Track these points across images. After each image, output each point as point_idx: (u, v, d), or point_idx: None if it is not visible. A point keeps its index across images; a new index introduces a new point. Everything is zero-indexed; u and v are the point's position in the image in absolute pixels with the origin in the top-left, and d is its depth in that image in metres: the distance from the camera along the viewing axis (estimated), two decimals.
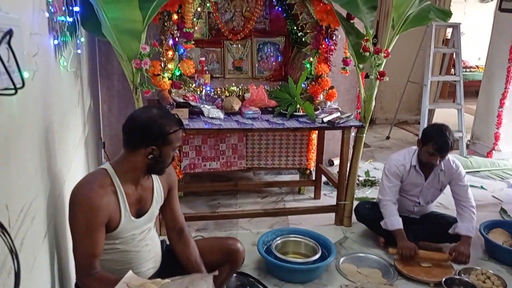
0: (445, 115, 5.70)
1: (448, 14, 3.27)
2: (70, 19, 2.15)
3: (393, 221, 2.90)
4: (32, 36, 1.35)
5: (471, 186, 3.27)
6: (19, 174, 1.20)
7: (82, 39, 2.60)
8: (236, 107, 3.23)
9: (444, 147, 2.74)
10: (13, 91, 0.91)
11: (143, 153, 1.68)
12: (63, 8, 2.07)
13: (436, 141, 2.75)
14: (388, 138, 5.73)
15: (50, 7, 1.71)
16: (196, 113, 3.11)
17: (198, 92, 3.34)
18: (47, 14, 1.60)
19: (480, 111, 5.26)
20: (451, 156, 2.96)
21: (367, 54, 3.01)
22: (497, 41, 4.95)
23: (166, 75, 3.09)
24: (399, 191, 2.98)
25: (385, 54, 2.97)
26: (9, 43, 0.88)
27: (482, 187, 4.25)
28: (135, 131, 1.69)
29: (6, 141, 1.07)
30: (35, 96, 1.40)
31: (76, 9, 2.34)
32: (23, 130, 1.26)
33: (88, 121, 2.91)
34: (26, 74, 1.08)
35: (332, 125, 3.09)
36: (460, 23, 5.02)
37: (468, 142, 5.32)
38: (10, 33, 0.87)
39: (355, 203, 3.35)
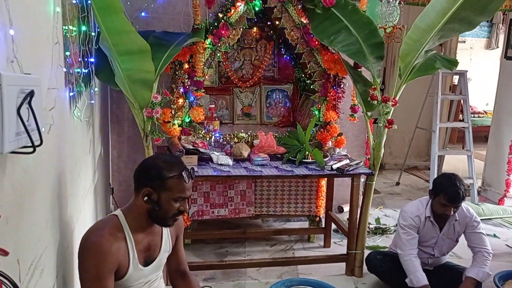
0: (455, 160, 5.67)
1: (455, 63, 3.32)
2: (85, 70, 2.22)
3: (419, 277, 2.78)
4: (50, 90, 1.39)
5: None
6: (30, 228, 1.20)
7: (96, 89, 2.67)
8: (245, 154, 3.24)
9: (456, 197, 2.70)
10: (31, 149, 0.93)
11: (142, 195, 1.67)
12: (79, 60, 2.14)
13: (447, 192, 2.71)
14: (398, 184, 5.68)
15: (68, 61, 1.77)
16: (205, 159, 3.13)
17: (208, 139, 3.37)
18: (64, 69, 1.65)
19: (490, 158, 5.23)
20: (465, 204, 2.91)
21: (375, 102, 3.04)
22: (504, 88, 5.00)
23: (176, 122, 3.13)
24: None
25: (393, 103, 3.00)
26: (29, 103, 0.91)
27: (495, 235, 4.16)
28: (138, 172, 1.72)
29: (21, 197, 1.08)
30: (50, 148, 1.42)
31: (91, 60, 2.42)
32: (37, 183, 1.27)
33: (98, 168, 2.93)
34: (42, 129, 1.10)
35: (341, 172, 3.08)
36: (467, 71, 5.09)
37: (479, 189, 5.26)
38: (31, 94, 0.90)
39: (366, 252, 3.28)
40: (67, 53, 1.72)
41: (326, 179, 3.72)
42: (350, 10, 3.20)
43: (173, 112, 3.14)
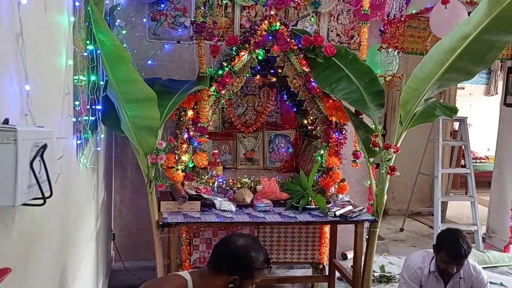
0: (459, 206, 5.63)
1: (454, 110, 3.38)
2: (93, 118, 2.27)
3: None
4: (59, 140, 1.42)
5: (490, 282, 3.12)
6: (35, 278, 1.19)
7: (102, 135, 2.71)
8: (248, 200, 3.24)
9: (457, 255, 2.62)
10: (41, 201, 0.95)
11: (225, 280, 1.69)
12: (88, 107, 2.19)
13: (449, 249, 2.64)
14: (402, 230, 5.61)
15: (76, 109, 1.82)
16: (208, 205, 3.12)
17: (210, 184, 3.37)
18: (74, 119, 1.70)
19: (493, 204, 5.20)
20: (472, 261, 2.85)
21: (377, 149, 3.07)
22: (505, 134, 5.04)
23: (179, 167, 3.16)
24: None
25: (395, 150, 3.03)
26: (42, 155, 0.94)
27: (501, 284, 4.07)
28: (226, 256, 1.73)
29: (27, 247, 1.09)
30: (56, 197, 1.44)
31: (98, 107, 2.48)
32: (43, 233, 1.28)
33: (101, 214, 2.93)
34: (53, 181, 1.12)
35: (344, 219, 3.07)
36: (467, 117, 5.15)
37: (484, 236, 5.19)
38: (44, 148, 0.93)
39: None
40: (77, 103, 1.78)
41: (329, 225, 3.69)
42: (350, 59, 3.30)
43: (176, 158, 3.17)
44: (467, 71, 2.73)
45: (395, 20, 3.57)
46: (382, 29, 3.99)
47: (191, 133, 3.25)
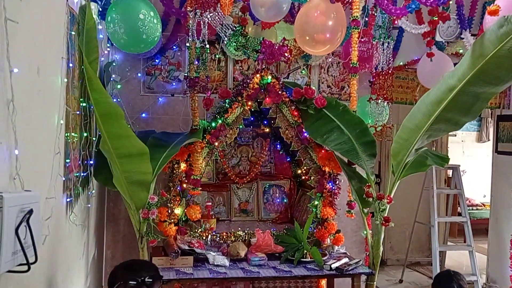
0: (458, 254, 5.55)
1: (446, 159, 3.41)
2: (84, 174, 2.27)
3: None
4: (48, 200, 1.41)
5: None
6: None
7: (93, 191, 2.70)
8: (242, 253, 3.18)
9: None
10: (26, 268, 0.93)
11: None
12: (79, 163, 2.19)
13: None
14: (401, 281, 5.48)
15: (67, 166, 1.82)
16: (201, 260, 3.06)
17: (204, 237, 3.32)
18: (63, 178, 1.70)
19: (492, 253, 5.12)
20: None
21: (371, 199, 3.06)
22: (499, 182, 5.03)
23: (172, 221, 3.12)
24: None
25: (388, 200, 3.02)
26: (28, 220, 0.93)
27: None
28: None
29: None
30: (44, 259, 1.41)
31: (91, 162, 2.48)
32: None
33: (91, 271, 2.85)
34: (38, 244, 1.10)
35: (340, 272, 3.01)
36: (459, 165, 5.18)
37: (484, 285, 5.07)
38: (30, 213, 0.92)
39: None
40: (67, 161, 1.78)
41: (326, 279, 3.60)
42: (341, 110, 3.36)
43: (169, 211, 3.14)
44: (455, 122, 2.78)
45: (383, 73, 3.67)
46: (372, 80, 4.10)
47: (184, 185, 3.24)
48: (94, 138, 2.45)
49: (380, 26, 3.71)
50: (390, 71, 3.68)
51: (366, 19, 3.51)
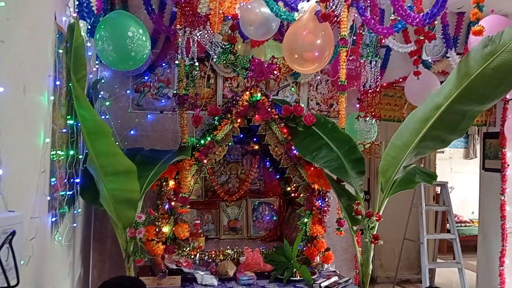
0: (447, 271, 5.54)
1: (434, 177, 3.43)
2: (70, 192, 2.23)
3: None
4: (32, 220, 1.39)
5: None
6: None
7: (79, 210, 2.65)
8: (231, 272, 3.15)
9: None
10: None
11: None
12: (65, 182, 2.16)
13: None
14: None
15: (52, 184, 1.79)
16: (189, 279, 3.02)
17: (192, 256, 3.28)
18: (48, 198, 1.67)
19: (481, 270, 5.12)
20: None
21: (360, 217, 3.05)
22: (486, 199, 5.06)
23: (159, 240, 3.07)
24: None
25: (377, 218, 3.02)
26: (10, 242, 0.91)
27: None
28: None
29: None
30: (27, 281, 1.37)
31: (77, 180, 2.45)
32: None
33: None
34: (20, 263, 1.08)
35: None
36: (447, 182, 5.20)
37: None
38: (13, 234, 0.90)
39: None
40: (53, 179, 1.75)
41: None
42: (330, 128, 3.38)
43: (157, 230, 3.10)
44: (442, 140, 2.81)
45: (371, 90, 3.71)
46: (360, 97, 4.13)
47: (173, 203, 3.21)
48: (81, 156, 2.42)
49: (367, 44, 3.76)
50: (378, 89, 3.72)
51: (354, 38, 3.55)
